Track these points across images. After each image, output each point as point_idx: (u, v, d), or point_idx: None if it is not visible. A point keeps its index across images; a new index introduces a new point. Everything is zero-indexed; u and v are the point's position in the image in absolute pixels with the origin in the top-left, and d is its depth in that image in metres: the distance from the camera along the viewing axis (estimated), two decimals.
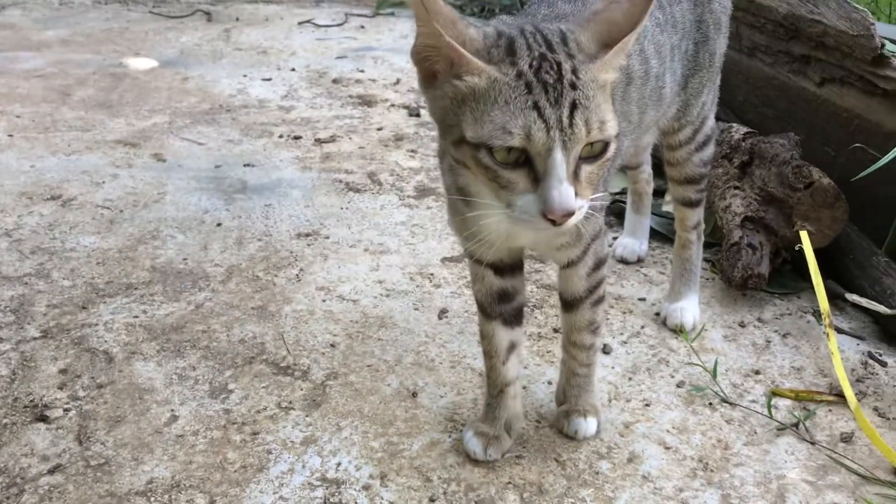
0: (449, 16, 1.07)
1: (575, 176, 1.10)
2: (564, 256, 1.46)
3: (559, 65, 1.09)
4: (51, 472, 1.52)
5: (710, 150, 1.91)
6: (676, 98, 1.74)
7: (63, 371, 1.81)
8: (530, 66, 1.09)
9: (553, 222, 1.08)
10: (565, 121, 1.06)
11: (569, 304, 1.54)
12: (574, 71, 1.09)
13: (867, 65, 2.24)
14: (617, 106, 1.44)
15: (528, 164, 1.09)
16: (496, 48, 1.11)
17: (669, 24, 1.61)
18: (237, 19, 5.17)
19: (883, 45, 2.19)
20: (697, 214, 1.99)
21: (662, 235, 2.46)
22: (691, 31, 1.71)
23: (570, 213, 1.07)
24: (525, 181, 1.09)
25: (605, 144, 1.12)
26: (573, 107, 1.07)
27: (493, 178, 1.11)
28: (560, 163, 1.07)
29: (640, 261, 2.37)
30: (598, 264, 1.49)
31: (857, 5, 2.30)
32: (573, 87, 1.08)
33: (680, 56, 1.67)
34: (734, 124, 2.54)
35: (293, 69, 4.18)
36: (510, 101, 1.07)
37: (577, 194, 1.09)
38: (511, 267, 1.52)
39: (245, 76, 4.04)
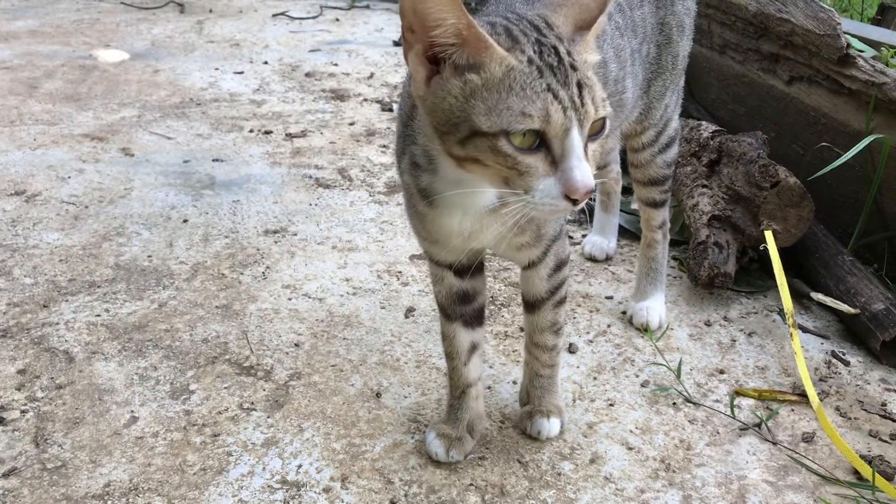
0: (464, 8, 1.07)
1: (586, 150, 1.10)
2: (525, 257, 1.45)
3: (556, 48, 1.10)
4: (5, 475, 1.49)
5: (673, 151, 1.91)
6: (639, 101, 1.73)
7: (21, 371, 1.78)
8: (535, 51, 1.09)
9: (575, 202, 1.08)
10: (577, 100, 1.07)
11: (531, 306, 1.53)
12: (569, 53, 1.10)
13: (833, 64, 2.25)
14: None
15: (544, 147, 1.08)
16: (499, 36, 1.11)
17: (629, 28, 1.61)
18: (210, 11, 5.12)
19: (849, 45, 2.20)
20: (662, 214, 1.99)
21: (631, 233, 2.46)
22: (653, 35, 1.71)
23: (592, 190, 1.08)
24: (544, 164, 1.09)
25: (604, 121, 1.13)
26: (580, 86, 1.08)
27: (513, 165, 1.09)
28: (578, 142, 1.07)
29: (608, 259, 2.37)
30: (560, 265, 1.49)
31: (825, 5, 2.31)
32: (574, 68, 1.09)
33: (641, 60, 1.66)
34: (703, 122, 2.54)
35: (266, 62, 4.14)
36: (525, 87, 1.07)
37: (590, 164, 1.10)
38: (471, 268, 1.51)
39: (217, 69, 3.99)
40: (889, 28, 3.56)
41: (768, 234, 1.98)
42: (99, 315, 2.00)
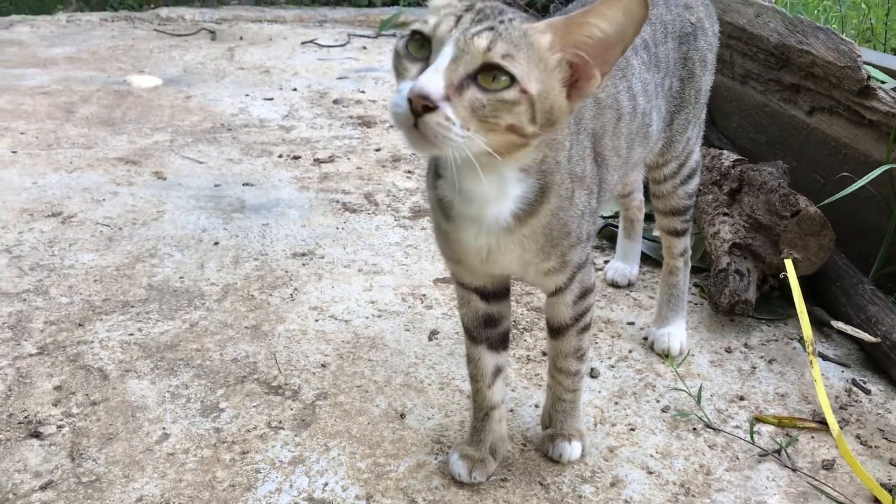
0: None
1: (459, 89, 1.09)
2: (551, 283, 1.49)
3: (501, 11, 1.15)
4: (42, 488, 1.54)
5: (695, 182, 1.95)
6: (662, 134, 1.77)
7: (58, 388, 1.84)
8: (478, 5, 1.16)
9: (412, 107, 1.06)
10: (471, 29, 1.10)
11: (555, 331, 1.57)
12: (510, 20, 1.14)
13: (854, 96, 2.27)
14: (608, 141, 1.49)
15: (427, 57, 1.13)
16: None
17: (654, 64, 1.65)
18: (241, 38, 5.23)
19: (869, 77, 2.22)
20: (684, 242, 2.02)
21: (653, 260, 2.49)
22: (676, 69, 1.75)
23: (425, 97, 1.06)
24: (416, 70, 1.12)
25: (508, 84, 1.10)
26: (487, 28, 1.11)
27: (399, 67, 1.15)
28: (445, 55, 1.09)
29: (630, 285, 2.40)
30: (585, 293, 1.52)
31: (845, 38, 2.34)
32: (500, 22, 1.12)
33: (664, 94, 1.71)
34: (724, 151, 2.57)
35: (295, 89, 4.24)
36: (443, 10, 1.15)
37: (451, 102, 1.08)
38: (497, 293, 1.55)
39: (247, 95, 4.09)
40: None
41: (789, 263, 2.01)
42: (132, 334, 2.06)
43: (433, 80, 1.07)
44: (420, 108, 1.06)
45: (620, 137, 1.53)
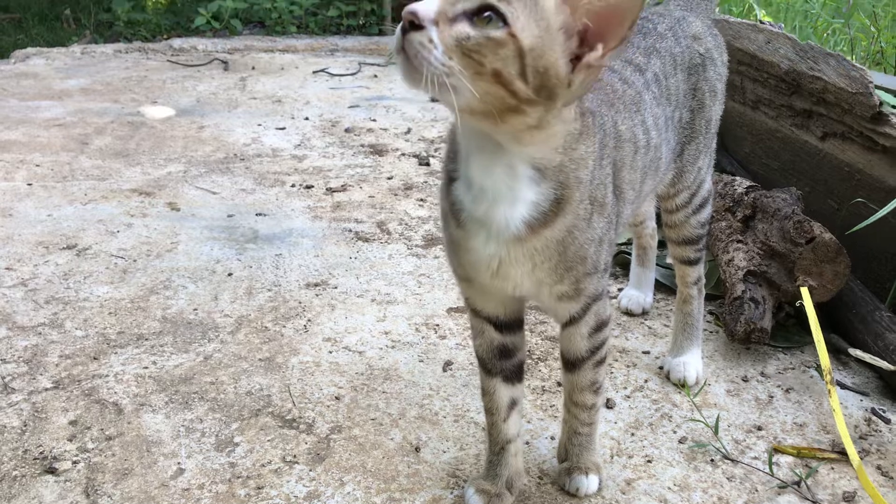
0: None
1: (452, 21, 1.10)
2: (564, 311, 1.48)
3: None
4: None
5: (707, 211, 1.94)
6: (672, 165, 1.77)
7: (73, 422, 1.85)
8: None
9: (402, 26, 1.09)
10: None
11: (571, 364, 1.56)
12: None
13: (867, 122, 2.27)
14: (626, 174, 1.49)
15: None
16: None
17: (664, 97, 1.66)
18: (253, 68, 5.28)
19: (881, 104, 2.22)
20: (697, 271, 2.01)
21: (667, 287, 2.48)
22: (686, 100, 1.75)
23: (413, 14, 1.08)
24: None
25: (499, 25, 1.11)
26: None
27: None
28: None
29: (644, 313, 2.39)
30: (600, 325, 1.51)
31: (856, 63, 2.34)
32: None
33: (673, 126, 1.71)
34: (737, 177, 2.57)
35: (307, 118, 4.27)
36: None
37: (439, 28, 1.09)
38: (510, 323, 1.55)
39: (259, 125, 4.12)
40: None
41: (804, 292, 2.00)
42: (147, 367, 2.06)
43: (427, 3, 1.10)
44: (407, 25, 1.08)
45: (637, 171, 1.54)
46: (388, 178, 3.44)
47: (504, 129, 1.20)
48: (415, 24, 1.08)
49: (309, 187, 3.32)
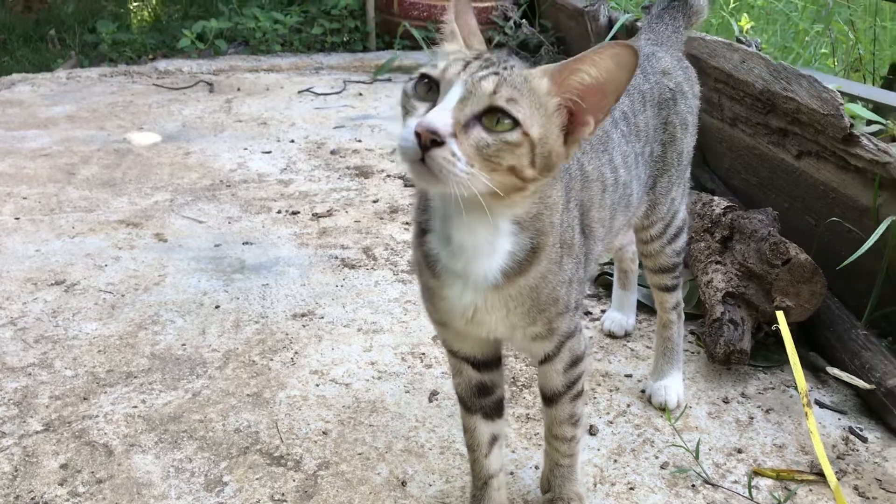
0: None
1: (466, 127, 1.15)
2: (539, 350, 1.51)
3: (506, 59, 1.23)
4: None
5: (682, 240, 1.98)
6: (644, 198, 1.81)
7: (64, 466, 1.87)
8: (485, 55, 1.24)
9: (420, 141, 1.12)
10: (479, 73, 1.17)
11: (548, 399, 1.59)
12: (513, 66, 1.21)
13: (839, 142, 2.31)
14: (595, 213, 1.53)
15: (435, 99, 1.19)
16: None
17: (633, 134, 1.70)
18: (238, 89, 5.30)
19: (852, 125, 2.26)
20: (675, 297, 2.05)
21: (649, 308, 2.51)
22: (657, 135, 1.79)
23: (434, 132, 1.11)
24: (423, 109, 1.19)
25: (511, 127, 1.16)
26: (493, 73, 1.18)
27: (407, 106, 1.22)
28: (453, 95, 1.16)
29: (627, 335, 2.42)
30: (576, 361, 1.55)
31: (828, 85, 2.39)
32: (504, 69, 1.19)
33: (644, 161, 1.74)
34: (715, 197, 2.61)
35: (292, 140, 4.29)
36: (451, 55, 1.24)
37: (457, 139, 1.13)
38: (487, 362, 1.58)
39: (245, 149, 4.14)
40: None
41: (780, 315, 2.03)
42: (136, 406, 2.09)
43: (442, 117, 1.13)
44: (428, 143, 1.12)
45: (605, 208, 1.57)
46: (374, 202, 3.47)
47: (507, 202, 1.25)
48: (436, 142, 1.12)
49: (295, 213, 3.34)
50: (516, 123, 1.16)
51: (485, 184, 1.16)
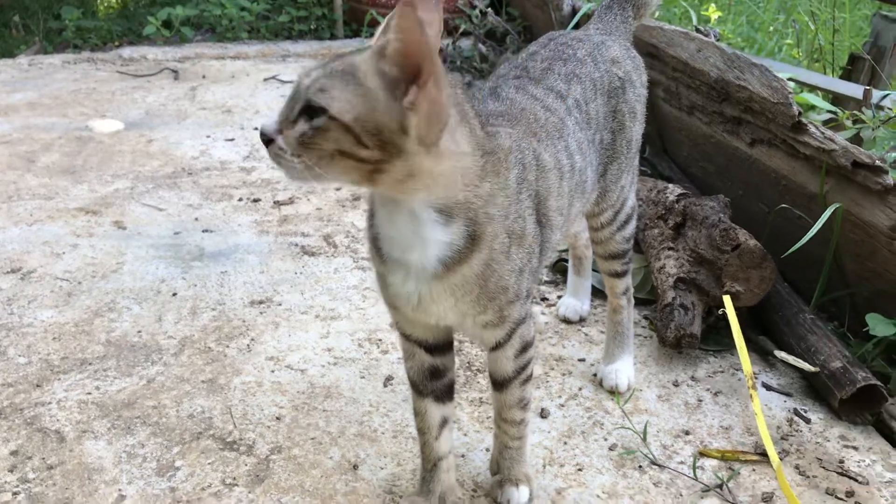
0: None
1: (293, 123, 1.25)
2: (490, 337, 1.53)
3: (353, 54, 1.29)
4: None
5: (631, 226, 2.00)
6: (596, 185, 1.83)
7: (14, 453, 1.86)
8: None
9: (263, 141, 1.27)
10: (305, 75, 1.28)
11: (498, 384, 1.61)
12: (345, 59, 1.28)
13: (788, 130, 2.35)
14: (553, 202, 1.54)
15: None
16: None
17: (585, 121, 1.71)
18: (204, 77, 5.26)
19: (801, 114, 2.30)
20: (625, 282, 2.08)
21: (604, 294, 2.54)
22: (607, 122, 1.81)
23: (263, 133, 1.27)
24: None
25: (321, 114, 1.23)
26: (317, 69, 1.27)
27: None
28: (285, 102, 1.27)
29: (582, 320, 2.45)
30: (526, 346, 1.56)
31: (779, 74, 2.43)
32: (330, 62, 1.28)
33: (596, 148, 1.77)
34: (669, 185, 2.64)
35: (256, 128, 4.27)
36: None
37: (284, 134, 1.25)
38: (440, 345, 1.60)
39: (208, 137, 4.12)
40: (859, 79, 3.68)
41: (727, 300, 2.07)
42: (90, 393, 2.08)
43: (270, 119, 1.28)
44: (264, 141, 1.27)
45: (563, 196, 1.59)
46: (336, 190, 3.47)
47: (383, 187, 1.28)
48: (269, 140, 1.26)
49: (256, 201, 3.34)
50: (324, 110, 1.22)
51: (319, 171, 1.24)
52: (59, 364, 2.21)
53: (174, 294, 2.58)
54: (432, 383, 1.61)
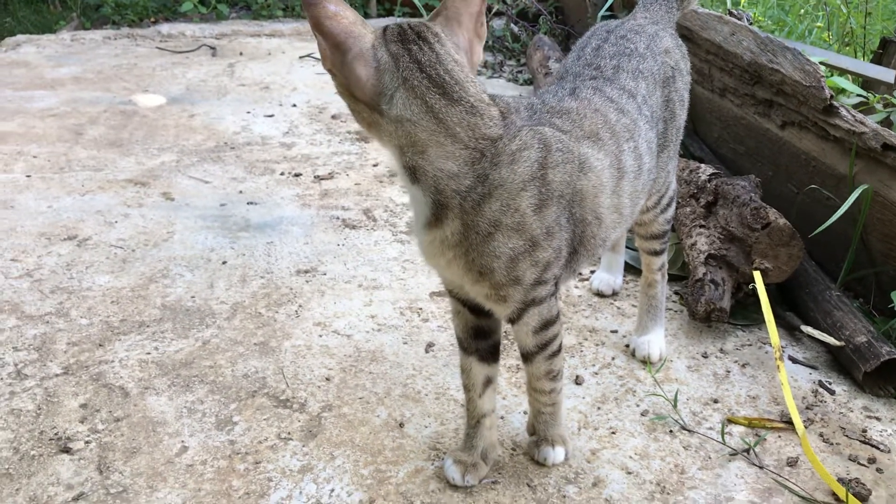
0: None
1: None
2: (497, 310, 1.59)
3: None
4: (75, 499, 1.70)
5: (672, 209, 2.08)
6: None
7: (83, 405, 2.00)
8: None
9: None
10: None
11: (524, 356, 1.69)
12: None
13: (819, 113, 2.42)
14: (605, 199, 1.59)
15: None
16: None
17: (651, 119, 1.77)
18: (241, 54, 5.38)
19: (832, 97, 2.37)
20: (662, 259, 2.16)
21: (636, 269, 2.63)
22: (661, 112, 1.85)
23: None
24: None
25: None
26: None
27: None
28: None
29: (614, 294, 2.55)
30: (546, 324, 1.60)
31: (811, 58, 2.49)
32: None
33: (656, 141, 1.82)
34: (702, 165, 2.72)
35: (294, 105, 4.39)
36: None
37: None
38: (481, 308, 1.69)
39: (248, 113, 4.24)
40: (890, 63, 3.72)
41: (757, 275, 2.16)
42: (149, 353, 2.22)
43: None
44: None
45: (623, 196, 1.63)
46: (374, 165, 3.57)
47: (365, 129, 1.48)
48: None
49: (297, 175, 3.45)
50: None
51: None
52: (118, 326, 2.34)
53: (224, 262, 2.70)
54: (477, 342, 1.71)
